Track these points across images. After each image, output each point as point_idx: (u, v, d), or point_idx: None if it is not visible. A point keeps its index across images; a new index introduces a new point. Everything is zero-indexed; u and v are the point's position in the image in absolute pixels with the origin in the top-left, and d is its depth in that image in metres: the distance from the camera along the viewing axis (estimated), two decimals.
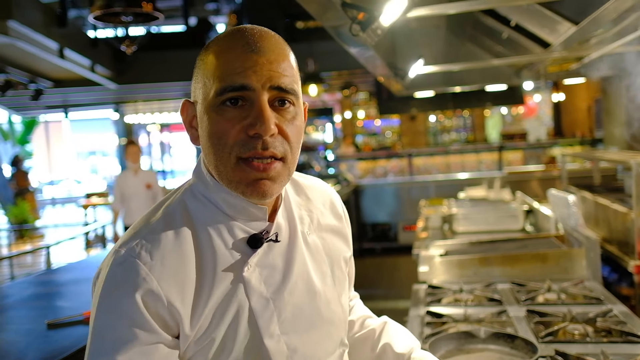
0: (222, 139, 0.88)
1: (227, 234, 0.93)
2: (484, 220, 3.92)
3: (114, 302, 0.84)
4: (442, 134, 12.58)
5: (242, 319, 0.91)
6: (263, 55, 0.88)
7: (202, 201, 0.95)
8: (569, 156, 5.09)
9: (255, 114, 0.87)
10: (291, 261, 0.98)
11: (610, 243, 3.23)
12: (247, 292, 0.91)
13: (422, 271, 2.81)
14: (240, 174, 0.89)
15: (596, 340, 1.87)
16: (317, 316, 1.00)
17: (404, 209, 7.43)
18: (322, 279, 1.03)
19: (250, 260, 0.93)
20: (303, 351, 0.96)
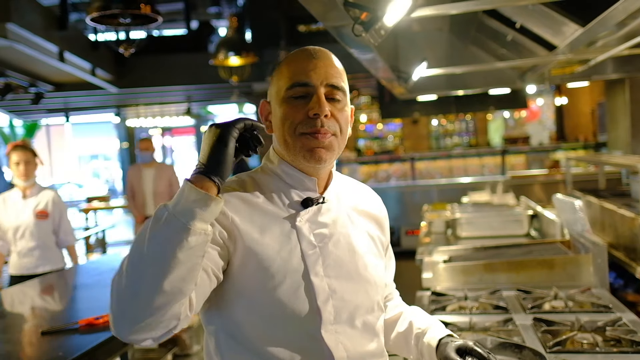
0: (289, 119, 1.18)
1: (285, 196, 1.21)
2: (488, 225, 3.86)
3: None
4: (444, 138, 12.52)
5: (294, 256, 1.15)
6: (320, 60, 1.20)
7: (269, 173, 1.25)
8: (573, 160, 5.03)
9: (315, 101, 1.17)
10: (336, 223, 1.23)
11: (617, 249, 3.17)
12: (299, 237, 1.17)
13: (426, 278, 2.75)
14: (302, 142, 1.17)
15: (606, 350, 1.81)
16: (355, 271, 1.22)
17: (407, 213, 7.37)
18: (361, 245, 1.26)
19: (302, 213, 1.20)
20: (341, 294, 1.17)
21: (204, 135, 1.10)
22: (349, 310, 1.18)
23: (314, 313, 1.13)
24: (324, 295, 1.15)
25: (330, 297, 1.15)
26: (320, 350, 1.13)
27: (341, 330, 1.16)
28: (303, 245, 1.16)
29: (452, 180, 8.13)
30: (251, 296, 1.13)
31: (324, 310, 1.14)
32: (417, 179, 8.64)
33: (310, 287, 1.14)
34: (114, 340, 2.20)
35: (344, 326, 1.17)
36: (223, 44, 5.24)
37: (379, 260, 1.31)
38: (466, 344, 1.27)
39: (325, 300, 1.14)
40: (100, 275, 3.30)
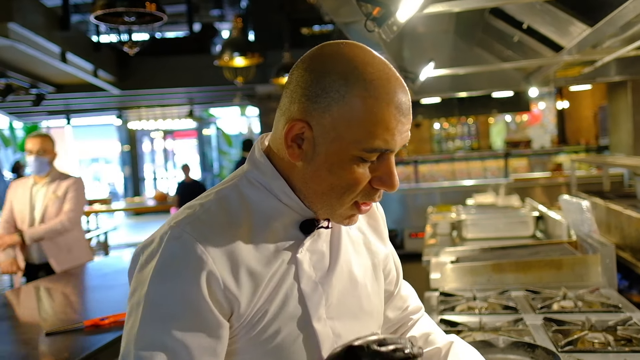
0: (353, 187, 0.91)
1: (281, 218, 0.96)
2: (494, 227, 3.85)
3: (173, 276, 0.87)
4: (446, 141, 12.51)
5: (291, 300, 0.94)
6: (406, 117, 0.91)
7: (258, 187, 0.97)
8: (577, 162, 5.03)
9: (386, 172, 0.92)
10: (337, 249, 1.02)
11: (623, 250, 3.17)
12: (298, 274, 0.95)
13: (434, 278, 2.74)
14: (348, 211, 0.95)
15: (618, 349, 1.80)
16: (358, 306, 1.03)
17: (410, 216, 7.36)
18: (363, 271, 1.07)
19: (305, 242, 0.97)
20: (346, 338, 0.97)
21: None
22: None
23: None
24: (329, 344, 0.96)
25: (335, 344, 0.96)
26: None
27: None
28: (302, 283, 0.95)
29: (456, 183, 8.13)
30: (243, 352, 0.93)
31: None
32: (421, 182, 8.63)
33: (312, 336, 0.94)
34: (120, 342, 2.18)
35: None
36: (228, 44, 5.24)
37: (378, 282, 1.12)
38: None
39: (329, 350, 0.95)
40: (103, 277, 3.29)
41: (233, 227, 0.92)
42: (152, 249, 0.90)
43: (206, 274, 0.87)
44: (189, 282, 0.87)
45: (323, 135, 0.89)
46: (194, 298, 0.87)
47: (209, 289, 0.87)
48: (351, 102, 0.87)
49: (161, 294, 0.87)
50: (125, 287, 3.25)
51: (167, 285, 0.87)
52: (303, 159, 0.92)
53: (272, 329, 0.92)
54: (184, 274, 0.87)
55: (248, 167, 1.00)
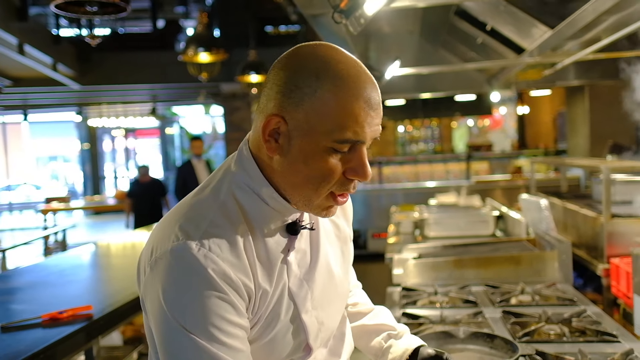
0: (327, 178, 0.95)
1: (270, 222, 1.02)
2: (455, 226, 3.92)
3: (204, 289, 0.91)
4: (410, 144, 12.67)
5: (284, 298, 1.02)
6: (375, 111, 0.95)
7: (247, 191, 1.01)
8: (536, 163, 5.17)
9: (359, 163, 0.96)
10: (317, 245, 1.10)
11: (579, 248, 3.27)
12: (288, 274, 1.03)
13: (396, 274, 2.77)
14: (324, 201, 0.99)
15: (573, 339, 1.86)
16: (334, 293, 1.13)
17: (373, 217, 7.41)
18: (336, 261, 1.15)
19: (294, 245, 1.04)
20: (327, 324, 1.10)
21: None
22: (329, 334, 1.14)
23: (301, 349, 1.07)
24: (315, 331, 1.07)
25: (319, 330, 1.08)
26: None
27: (319, 355, 1.12)
28: (291, 282, 1.03)
29: (419, 184, 8.23)
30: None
31: (314, 345, 1.07)
32: (384, 183, 8.71)
33: (301, 327, 1.04)
34: (79, 335, 2.13)
35: (321, 349, 1.13)
36: (193, 39, 5.17)
37: (346, 267, 1.21)
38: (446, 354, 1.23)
39: (315, 336, 1.07)
40: (61, 272, 3.20)
41: (238, 237, 0.97)
42: (171, 264, 0.93)
43: (230, 282, 0.93)
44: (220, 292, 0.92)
45: (297, 128, 0.94)
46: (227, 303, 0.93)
47: (235, 295, 0.93)
48: (322, 96, 0.92)
49: (197, 306, 0.91)
50: (84, 282, 3.16)
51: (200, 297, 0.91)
52: (280, 152, 0.96)
53: (269, 324, 1.01)
54: (214, 284, 0.92)
55: (237, 170, 1.02)
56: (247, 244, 0.98)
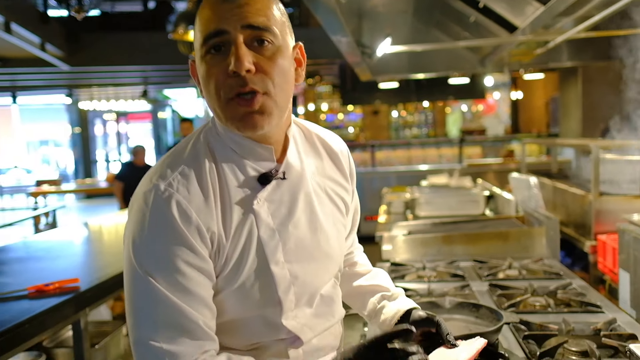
0: (211, 83, 0.98)
1: (240, 172, 1.04)
2: (446, 205, 3.92)
3: (165, 229, 0.95)
4: (403, 129, 12.66)
5: (251, 247, 1.02)
6: (234, 2, 0.97)
7: (219, 141, 1.06)
8: (528, 144, 5.18)
9: (231, 54, 0.96)
10: (297, 198, 1.09)
11: (567, 226, 3.29)
12: (257, 223, 1.03)
13: (386, 250, 2.77)
14: (230, 111, 0.98)
15: (557, 310, 1.87)
16: (317, 249, 1.11)
17: (366, 200, 7.42)
18: (324, 217, 1.13)
19: (259, 195, 1.04)
20: (303, 279, 1.08)
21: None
22: (309, 292, 1.10)
23: (274, 303, 1.05)
24: (285, 284, 1.05)
25: (292, 284, 1.06)
26: (286, 336, 1.07)
27: (301, 313, 1.09)
28: (261, 231, 1.03)
29: (411, 167, 8.25)
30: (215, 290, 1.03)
31: (285, 299, 1.05)
32: (377, 167, 8.72)
33: (270, 278, 1.03)
34: (65, 306, 2.13)
35: (304, 308, 1.10)
36: (183, 17, 5.09)
37: (341, 225, 1.20)
38: (438, 317, 1.22)
39: (286, 290, 1.05)
40: (49, 248, 3.19)
41: (207, 181, 1.01)
42: (141, 206, 0.98)
43: (190, 224, 0.96)
44: (180, 231, 0.95)
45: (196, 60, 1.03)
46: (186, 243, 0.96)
47: (196, 237, 0.96)
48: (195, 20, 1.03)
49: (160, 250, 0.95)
50: (72, 257, 3.15)
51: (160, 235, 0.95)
52: (201, 89, 1.03)
53: (236, 271, 1.01)
54: (175, 225, 0.95)
55: (211, 122, 1.09)
56: (215, 190, 1.01)
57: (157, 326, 0.93)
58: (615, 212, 2.82)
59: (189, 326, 0.94)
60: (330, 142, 1.22)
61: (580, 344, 1.55)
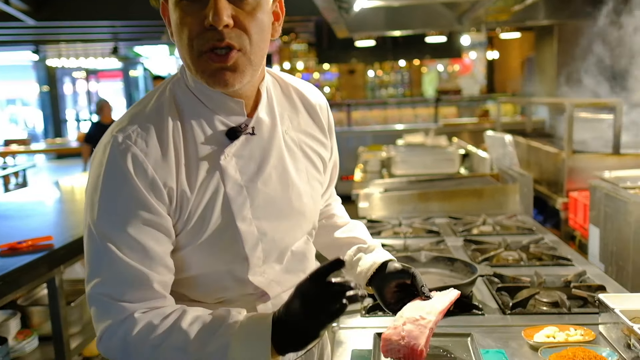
0: (184, 32, 0.93)
1: (207, 126, 1.01)
2: (422, 164, 3.95)
3: (119, 183, 0.94)
4: (380, 89, 12.60)
5: (217, 202, 1.00)
6: None
7: (187, 93, 1.02)
8: (503, 104, 5.21)
9: (209, 6, 0.91)
10: (267, 154, 1.05)
11: (540, 184, 3.34)
12: (223, 178, 1.00)
13: (362, 207, 2.79)
14: (202, 65, 0.94)
15: (529, 264, 1.92)
16: (288, 207, 1.08)
17: (342, 159, 7.31)
18: (297, 174, 1.10)
19: (226, 150, 1.01)
20: (272, 236, 1.05)
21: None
22: (279, 249, 1.09)
23: (241, 260, 1.03)
24: (253, 241, 1.03)
25: (260, 241, 1.04)
26: (253, 291, 1.06)
27: (269, 270, 1.07)
28: (228, 187, 1.00)
29: (387, 126, 8.25)
30: (178, 246, 1.01)
31: (251, 256, 1.03)
32: (353, 126, 8.70)
33: (236, 234, 1.01)
34: (40, 264, 2.09)
35: (273, 265, 1.08)
36: None
37: (317, 182, 1.16)
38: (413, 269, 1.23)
39: (253, 246, 1.03)
40: (20, 207, 3.12)
41: (169, 134, 0.98)
42: (100, 158, 0.96)
43: (144, 177, 0.94)
44: (132, 186, 0.93)
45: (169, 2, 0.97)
46: (140, 198, 0.94)
47: (152, 192, 0.94)
48: None
49: (112, 203, 0.94)
50: (44, 215, 3.09)
51: (115, 194, 0.94)
52: (171, 32, 0.99)
53: (201, 226, 0.99)
54: (127, 182, 0.93)
55: (179, 74, 1.05)
56: (177, 144, 0.98)
57: (109, 282, 0.93)
58: (587, 169, 2.87)
59: (141, 284, 0.94)
60: (308, 95, 1.18)
61: (551, 295, 1.60)
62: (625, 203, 2.14)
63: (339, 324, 1.46)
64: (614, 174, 2.56)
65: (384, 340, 1.13)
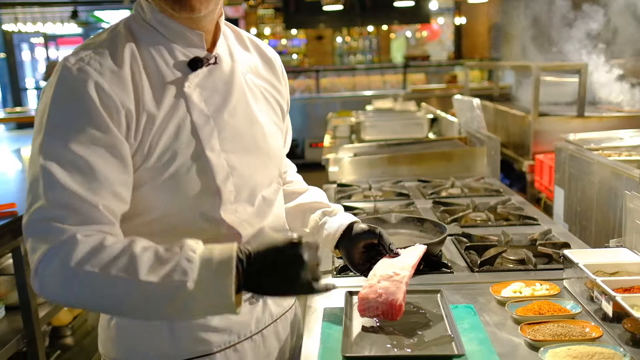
0: None
1: (168, 55, 1.00)
2: (391, 129, 3.96)
3: (68, 100, 0.90)
4: (348, 55, 12.51)
5: (184, 130, 0.98)
6: None
7: (144, 26, 1.01)
8: (470, 68, 5.23)
9: None
10: (231, 87, 1.05)
11: (507, 148, 3.39)
12: (189, 107, 0.99)
13: (332, 171, 2.79)
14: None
15: (497, 224, 1.95)
16: (254, 144, 1.08)
17: (311, 126, 7.39)
18: (260, 113, 1.10)
19: (190, 77, 1.00)
20: (241, 171, 1.04)
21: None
22: (249, 188, 1.06)
23: (212, 194, 1.00)
24: (224, 173, 1.00)
25: (230, 175, 1.01)
26: (226, 231, 1.02)
27: (241, 209, 1.04)
28: (194, 116, 0.98)
29: (356, 93, 8.22)
30: (139, 182, 0.96)
31: (224, 189, 1.00)
32: (321, 92, 8.64)
33: (206, 165, 0.98)
34: (4, 233, 2.03)
35: (244, 205, 1.05)
36: None
37: (278, 129, 1.17)
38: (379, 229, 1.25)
39: (224, 179, 1.00)
40: None
41: (125, 60, 0.95)
42: (50, 80, 0.93)
43: (97, 91, 0.90)
44: (86, 102, 0.90)
45: None
46: (92, 115, 0.90)
47: (106, 110, 0.90)
48: None
49: (60, 119, 0.90)
50: (7, 183, 2.99)
51: (64, 110, 0.90)
52: None
53: (167, 158, 0.96)
54: (81, 96, 0.90)
55: (135, 8, 1.04)
56: (136, 70, 0.96)
57: (50, 206, 0.86)
58: (553, 132, 2.92)
59: (85, 207, 0.87)
60: (263, 47, 1.20)
61: (517, 252, 1.63)
62: (589, 164, 2.19)
63: None
64: (578, 136, 2.61)
65: (361, 299, 1.15)
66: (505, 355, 1.07)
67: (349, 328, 1.16)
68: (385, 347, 1.08)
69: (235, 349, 1.08)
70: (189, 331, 1.03)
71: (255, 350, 1.11)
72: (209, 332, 1.04)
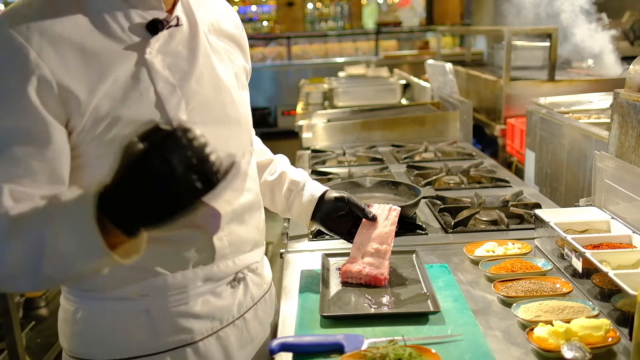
0: None
1: (123, 18, 0.89)
2: (364, 95, 3.94)
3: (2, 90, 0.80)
4: (319, 22, 12.33)
5: (147, 102, 0.89)
6: None
7: None
8: (442, 33, 5.21)
9: None
10: (195, 51, 0.96)
11: (479, 112, 3.41)
12: (151, 75, 0.90)
13: (306, 137, 2.77)
14: None
15: (470, 187, 1.97)
16: (224, 113, 1.00)
17: (283, 94, 7.31)
18: (228, 78, 1.02)
19: (151, 41, 0.91)
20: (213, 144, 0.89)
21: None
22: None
23: None
24: None
25: None
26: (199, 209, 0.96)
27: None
28: (158, 86, 0.90)
29: (328, 60, 8.14)
30: (97, 166, 0.87)
31: None
32: (293, 59, 8.52)
33: None
34: None
35: None
36: None
37: (245, 94, 1.09)
38: (346, 195, 1.25)
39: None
40: None
41: (69, 26, 0.85)
42: None
43: (36, 82, 0.80)
44: (12, 78, 0.80)
45: None
46: (28, 109, 0.80)
47: (40, 98, 0.81)
48: None
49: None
50: None
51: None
52: None
53: (127, 134, 0.80)
54: (6, 69, 0.80)
55: None
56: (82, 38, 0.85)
57: None
58: (524, 96, 2.94)
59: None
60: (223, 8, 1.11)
61: (490, 214, 1.66)
62: (559, 126, 2.21)
63: (287, 249, 1.47)
64: (549, 99, 2.63)
65: (344, 273, 1.18)
66: (480, 311, 1.09)
67: (327, 289, 1.17)
68: (363, 306, 1.09)
69: (219, 336, 1.03)
70: (169, 319, 0.98)
71: (239, 336, 1.07)
72: (190, 319, 0.99)
